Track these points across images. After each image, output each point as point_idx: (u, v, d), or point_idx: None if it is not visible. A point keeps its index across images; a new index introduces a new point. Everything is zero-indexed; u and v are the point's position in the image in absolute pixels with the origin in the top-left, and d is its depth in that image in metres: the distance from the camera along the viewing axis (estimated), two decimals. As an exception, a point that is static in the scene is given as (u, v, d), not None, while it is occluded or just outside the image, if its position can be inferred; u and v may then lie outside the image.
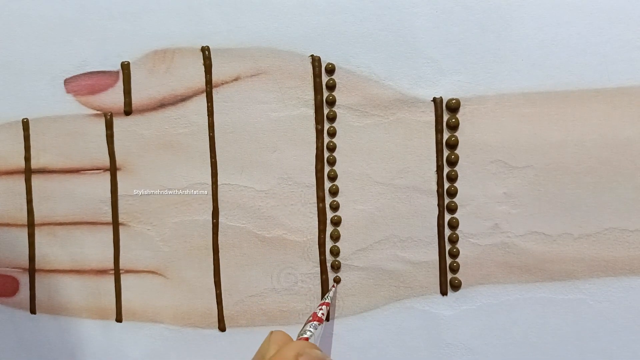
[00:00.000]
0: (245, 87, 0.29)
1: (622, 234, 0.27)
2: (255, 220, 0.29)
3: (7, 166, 0.31)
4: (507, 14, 0.27)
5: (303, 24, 0.29)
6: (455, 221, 0.28)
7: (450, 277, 0.29)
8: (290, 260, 0.29)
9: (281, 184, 0.29)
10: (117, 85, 0.30)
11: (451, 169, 0.28)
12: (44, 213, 0.31)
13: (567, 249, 0.28)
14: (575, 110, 0.27)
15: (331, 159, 0.29)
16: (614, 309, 0.28)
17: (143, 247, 0.30)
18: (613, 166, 0.27)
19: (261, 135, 0.29)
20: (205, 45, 0.29)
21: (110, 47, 0.30)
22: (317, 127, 0.29)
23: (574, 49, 0.27)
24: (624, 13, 0.27)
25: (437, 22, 0.28)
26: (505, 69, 0.28)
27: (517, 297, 0.28)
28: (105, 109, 0.30)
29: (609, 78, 0.27)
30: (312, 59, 0.29)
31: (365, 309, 0.29)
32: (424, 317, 0.29)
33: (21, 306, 0.31)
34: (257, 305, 0.30)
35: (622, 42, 0.27)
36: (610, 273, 0.28)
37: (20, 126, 0.31)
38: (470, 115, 0.28)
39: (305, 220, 0.29)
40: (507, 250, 0.28)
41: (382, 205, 0.29)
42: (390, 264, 0.29)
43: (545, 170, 0.28)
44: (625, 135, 0.27)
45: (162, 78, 0.30)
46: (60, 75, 0.30)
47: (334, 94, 0.29)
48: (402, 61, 0.28)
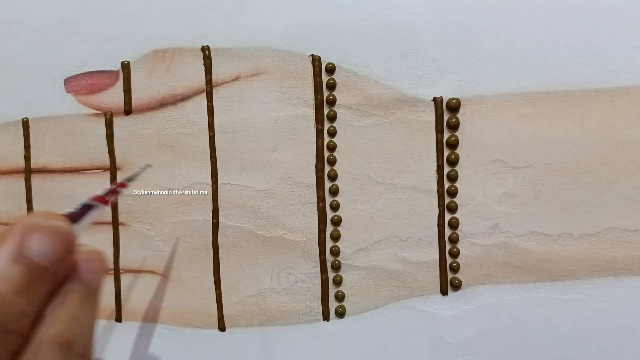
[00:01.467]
0: (245, 87, 0.29)
1: (622, 234, 0.27)
2: (255, 220, 0.29)
3: (7, 166, 0.31)
4: (507, 14, 0.28)
5: (303, 24, 0.29)
6: (455, 221, 0.28)
7: (450, 277, 0.29)
8: (290, 260, 0.29)
9: (281, 183, 0.29)
10: (117, 84, 0.30)
11: (451, 168, 0.28)
12: (43, 213, 0.31)
13: (567, 248, 0.28)
14: (575, 110, 0.27)
15: (331, 159, 0.29)
16: (614, 309, 0.28)
17: (143, 246, 0.30)
18: (613, 166, 0.27)
19: (261, 135, 0.29)
20: (205, 45, 0.29)
21: (110, 46, 0.30)
22: (317, 126, 0.29)
23: (574, 49, 0.27)
24: (623, 13, 0.27)
25: (437, 22, 0.28)
26: (505, 68, 0.28)
27: (518, 297, 0.28)
28: (105, 109, 0.30)
29: (609, 78, 0.27)
30: (312, 58, 0.29)
31: (365, 308, 0.29)
32: (424, 317, 0.29)
33: (20, 306, 0.31)
34: (257, 305, 0.29)
35: (622, 41, 0.27)
36: (610, 273, 0.28)
37: (20, 126, 0.31)
38: (470, 115, 0.28)
39: (305, 220, 0.29)
40: (507, 250, 0.28)
41: (382, 205, 0.29)
42: (391, 263, 0.29)
43: (545, 170, 0.28)
44: (625, 135, 0.27)
45: (162, 78, 0.30)
46: (60, 74, 0.30)
47: (334, 94, 0.29)
48: (402, 61, 0.28)
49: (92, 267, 0.20)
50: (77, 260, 0.19)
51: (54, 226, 0.19)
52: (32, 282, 0.18)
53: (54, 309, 0.18)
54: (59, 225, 0.19)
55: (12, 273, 0.17)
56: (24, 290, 0.17)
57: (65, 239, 0.19)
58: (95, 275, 0.20)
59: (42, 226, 0.18)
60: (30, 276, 0.18)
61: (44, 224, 0.18)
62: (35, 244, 0.18)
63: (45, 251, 0.18)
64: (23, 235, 0.18)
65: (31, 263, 0.18)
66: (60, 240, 0.18)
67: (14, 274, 0.17)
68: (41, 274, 0.18)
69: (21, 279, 0.17)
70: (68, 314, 0.18)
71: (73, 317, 0.19)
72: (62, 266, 0.19)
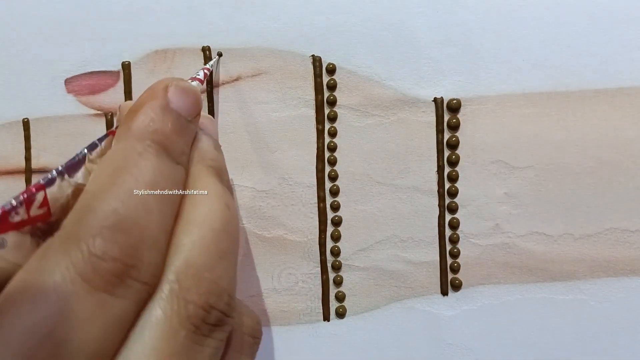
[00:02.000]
0: (245, 87, 0.29)
1: (623, 235, 0.27)
2: (256, 220, 0.29)
3: (8, 166, 0.31)
4: (508, 14, 0.27)
5: (304, 24, 0.29)
6: (456, 221, 0.28)
7: (451, 278, 0.29)
8: (291, 261, 0.29)
9: (282, 184, 0.29)
10: (118, 85, 0.30)
11: (452, 169, 0.28)
12: (44, 213, 0.31)
13: (568, 249, 0.28)
14: (576, 111, 0.27)
15: (332, 159, 0.29)
16: (615, 310, 0.28)
17: (143, 247, 0.30)
18: (614, 166, 0.27)
19: (262, 136, 0.29)
20: (206, 45, 0.29)
21: (110, 47, 0.30)
22: (318, 127, 0.29)
23: (575, 49, 0.27)
24: (625, 13, 0.27)
25: (438, 22, 0.28)
26: (506, 69, 0.28)
27: (518, 298, 0.28)
28: (106, 109, 0.30)
29: (610, 78, 0.27)
30: (313, 59, 0.29)
31: (365, 309, 0.29)
32: (425, 317, 0.29)
33: (21, 306, 0.31)
34: (257, 305, 0.30)
35: (624, 42, 0.27)
36: (611, 273, 0.28)
37: (20, 126, 0.31)
38: (471, 116, 0.28)
39: (306, 220, 0.29)
40: (508, 251, 0.28)
41: (383, 206, 0.29)
42: (391, 264, 0.29)
43: (546, 170, 0.28)
44: (627, 136, 0.27)
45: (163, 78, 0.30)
46: (60, 75, 0.30)
47: (335, 94, 0.29)
48: (403, 61, 0.28)
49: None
50: None
51: (191, 87, 0.21)
52: (181, 128, 0.20)
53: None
54: (194, 87, 0.22)
55: (167, 119, 0.20)
56: (177, 133, 0.20)
57: (199, 100, 0.22)
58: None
59: (183, 86, 0.21)
60: (179, 123, 0.20)
61: (183, 85, 0.21)
62: (178, 99, 0.21)
63: (185, 105, 0.21)
64: (167, 91, 0.21)
65: (177, 114, 0.20)
66: (194, 99, 0.21)
67: (167, 120, 0.20)
68: (185, 124, 0.21)
69: (174, 125, 0.20)
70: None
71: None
72: (195, 122, 0.22)
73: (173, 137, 0.20)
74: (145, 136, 0.19)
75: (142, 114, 0.20)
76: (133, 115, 0.20)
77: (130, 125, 0.20)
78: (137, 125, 0.20)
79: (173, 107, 0.20)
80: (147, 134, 0.19)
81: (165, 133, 0.20)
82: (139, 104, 0.20)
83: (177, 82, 0.21)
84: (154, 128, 0.20)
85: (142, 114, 0.20)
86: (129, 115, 0.20)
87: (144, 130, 0.19)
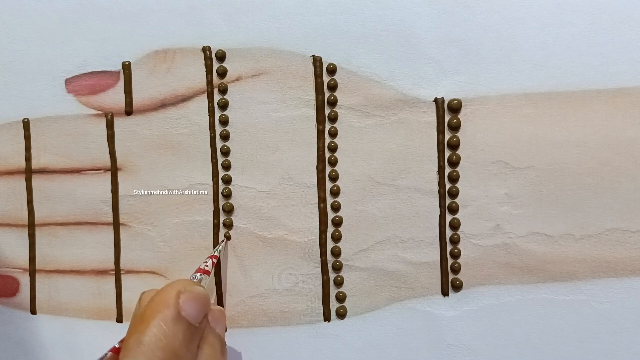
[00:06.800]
0: (246, 88, 0.29)
1: (623, 235, 0.27)
2: (257, 220, 0.29)
3: (8, 166, 0.31)
4: (509, 14, 0.27)
5: (304, 24, 0.29)
6: (456, 222, 0.28)
7: (451, 278, 0.29)
8: (292, 261, 0.29)
9: (282, 184, 0.29)
10: (118, 85, 0.30)
11: (452, 169, 0.28)
12: (44, 213, 0.31)
13: (568, 249, 0.28)
14: (577, 111, 0.27)
15: (332, 160, 0.29)
16: (616, 310, 0.28)
17: (144, 247, 0.30)
18: (615, 167, 0.27)
19: (262, 136, 0.29)
20: (206, 45, 0.29)
21: (111, 47, 0.30)
22: (319, 127, 0.29)
23: (576, 50, 0.27)
24: (625, 13, 0.27)
25: (439, 23, 0.28)
26: (507, 69, 0.28)
27: (519, 298, 0.28)
28: (106, 109, 0.30)
29: (611, 79, 0.27)
30: (313, 59, 0.29)
31: (366, 309, 0.29)
32: (425, 317, 0.29)
33: (21, 307, 0.31)
34: (258, 305, 0.29)
35: (624, 42, 0.27)
36: (612, 274, 0.28)
37: (20, 126, 0.31)
38: (471, 116, 0.28)
39: (307, 220, 0.29)
40: (508, 251, 0.28)
41: (384, 206, 0.29)
42: (392, 264, 0.29)
43: (546, 170, 0.28)
44: (627, 136, 0.27)
45: (163, 78, 0.30)
46: (61, 75, 0.30)
47: (336, 95, 0.29)
48: (403, 61, 0.28)
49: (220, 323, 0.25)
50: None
51: (201, 293, 0.23)
52: (190, 337, 0.22)
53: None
54: (202, 291, 0.24)
55: (178, 330, 0.22)
56: (187, 343, 0.22)
57: (206, 303, 0.24)
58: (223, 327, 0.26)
59: (195, 293, 0.23)
60: (189, 332, 0.22)
61: (195, 292, 0.23)
62: (189, 308, 0.22)
63: (195, 313, 0.23)
64: (178, 300, 0.22)
65: (187, 323, 0.22)
66: (203, 305, 0.23)
67: (178, 331, 0.22)
68: (194, 331, 0.23)
69: (184, 335, 0.22)
70: None
71: None
72: (204, 323, 0.24)
73: (182, 350, 0.21)
74: (156, 354, 0.21)
75: (154, 326, 0.21)
76: (145, 328, 0.21)
77: (142, 339, 0.21)
78: (149, 340, 0.21)
79: (184, 315, 0.22)
80: (158, 351, 0.21)
81: (174, 348, 0.21)
82: (150, 313, 0.22)
83: (189, 288, 0.23)
84: (165, 343, 0.21)
85: (155, 326, 0.21)
86: (139, 328, 0.21)
87: (155, 346, 0.21)
